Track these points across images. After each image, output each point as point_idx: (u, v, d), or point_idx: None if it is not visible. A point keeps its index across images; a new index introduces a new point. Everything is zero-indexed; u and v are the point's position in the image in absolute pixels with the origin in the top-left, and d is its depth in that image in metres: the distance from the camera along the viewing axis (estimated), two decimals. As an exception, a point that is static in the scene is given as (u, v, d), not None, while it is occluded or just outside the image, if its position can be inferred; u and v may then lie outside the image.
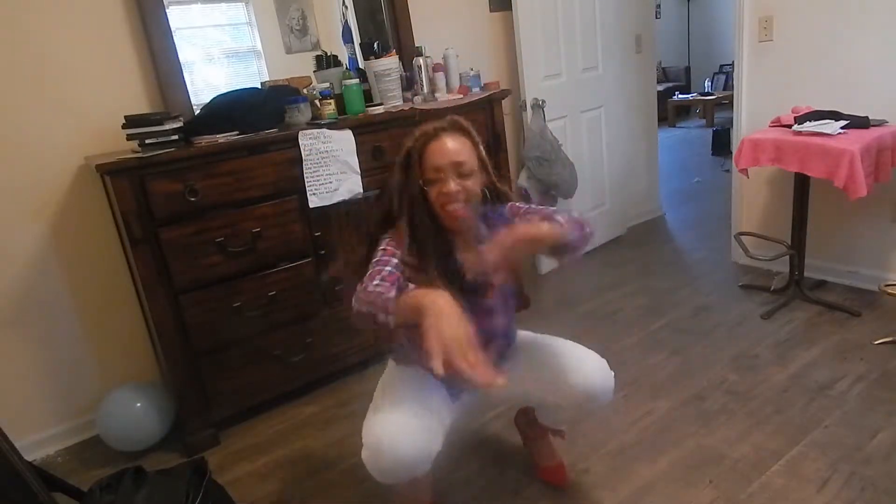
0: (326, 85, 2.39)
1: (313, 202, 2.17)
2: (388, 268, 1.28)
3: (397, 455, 1.25)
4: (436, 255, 1.35)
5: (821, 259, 2.74)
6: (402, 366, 1.51)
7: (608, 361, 1.45)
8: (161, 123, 1.97)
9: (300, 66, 2.54)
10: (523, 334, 1.61)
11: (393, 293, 1.20)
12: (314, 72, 2.56)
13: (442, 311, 1.09)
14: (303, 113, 2.24)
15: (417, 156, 1.34)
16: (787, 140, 2.31)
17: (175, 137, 2.01)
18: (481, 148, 1.39)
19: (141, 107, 2.21)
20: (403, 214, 1.36)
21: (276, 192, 2.12)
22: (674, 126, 7.86)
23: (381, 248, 1.34)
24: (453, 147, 1.31)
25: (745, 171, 2.48)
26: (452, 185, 1.29)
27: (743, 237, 2.74)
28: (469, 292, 1.36)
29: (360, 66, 2.63)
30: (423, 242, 1.35)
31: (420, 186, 1.34)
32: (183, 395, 2.07)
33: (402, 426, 1.29)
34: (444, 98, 2.63)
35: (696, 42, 8.86)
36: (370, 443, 1.28)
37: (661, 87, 6.71)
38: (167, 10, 2.20)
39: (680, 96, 7.96)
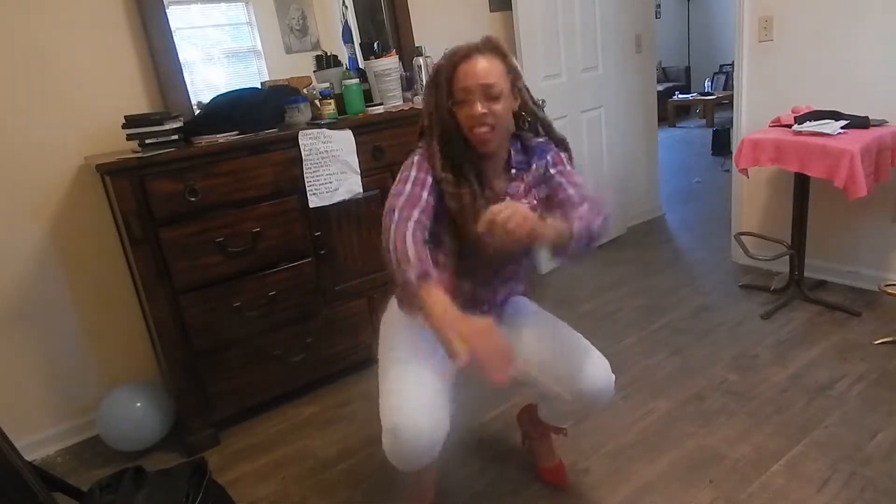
0: (326, 85, 2.39)
1: (313, 202, 2.17)
2: (400, 202, 1.26)
3: (418, 440, 1.23)
4: (472, 174, 1.33)
5: (821, 259, 2.74)
6: (405, 311, 1.43)
7: (608, 362, 1.45)
8: (161, 123, 1.98)
9: (300, 66, 2.54)
10: (538, 311, 1.57)
11: (417, 271, 1.16)
12: (314, 72, 2.56)
13: (447, 324, 1.09)
14: (303, 113, 2.25)
15: (447, 75, 1.31)
16: (787, 140, 2.31)
17: (175, 137, 2.01)
18: (519, 71, 1.35)
19: (141, 107, 2.21)
20: (435, 135, 1.34)
21: (276, 192, 2.12)
22: (674, 126, 7.86)
23: (414, 161, 1.33)
24: (483, 68, 1.27)
25: (745, 171, 2.48)
26: (479, 108, 1.26)
27: (743, 237, 2.74)
28: None
29: (360, 66, 2.63)
30: (458, 162, 1.33)
31: (448, 107, 1.31)
32: (183, 395, 2.07)
33: (417, 408, 1.26)
34: (444, 98, 2.62)
35: (696, 42, 8.86)
36: (392, 430, 1.25)
37: (661, 87, 6.71)
38: (167, 10, 2.20)
39: (680, 96, 7.96)
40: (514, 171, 1.40)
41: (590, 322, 2.69)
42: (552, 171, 1.41)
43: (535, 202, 1.41)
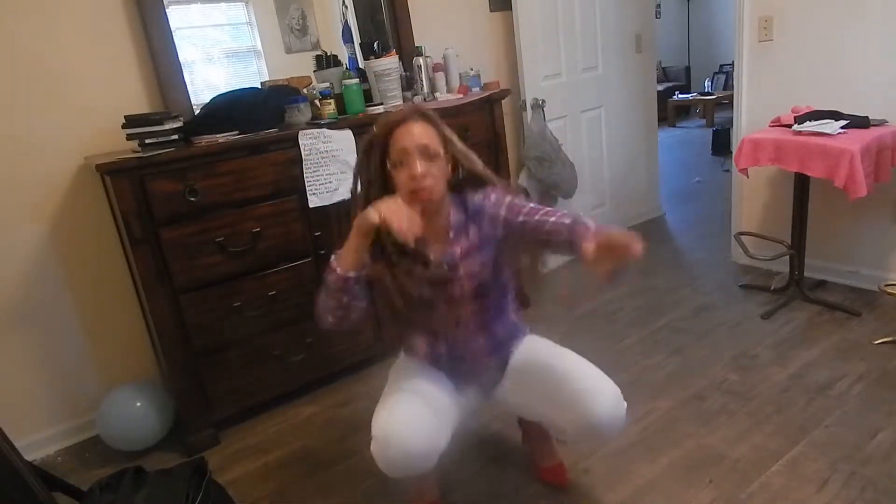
0: (326, 85, 2.39)
1: (313, 202, 2.17)
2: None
3: (405, 449, 1.28)
4: (398, 244, 1.33)
5: (821, 259, 2.74)
6: (412, 357, 1.54)
7: (608, 362, 1.45)
8: (161, 123, 1.98)
9: (300, 66, 2.54)
10: (536, 343, 1.56)
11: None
12: (314, 72, 2.56)
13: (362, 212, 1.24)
14: (303, 113, 2.25)
15: (382, 141, 1.33)
16: (787, 140, 2.31)
17: (175, 137, 2.01)
18: (448, 132, 1.37)
19: (141, 107, 2.21)
20: (361, 200, 1.35)
21: (276, 192, 2.12)
22: (674, 126, 7.86)
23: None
24: (419, 131, 1.31)
25: (745, 171, 2.48)
26: (419, 167, 1.28)
27: (743, 237, 2.74)
28: (435, 281, 1.38)
29: (360, 66, 2.63)
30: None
31: (382, 171, 1.33)
32: (183, 394, 2.07)
33: (410, 421, 1.32)
34: (444, 98, 2.63)
35: (696, 42, 8.85)
36: (378, 435, 1.31)
37: (661, 87, 6.71)
38: (167, 10, 2.20)
39: (680, 96, 7.96)
40: (451, 234, 1.39)
41: (590, 322, 2.69)
42: (502, 212, 1.36)
43: (477, 267, 1.40)
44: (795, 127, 2.35)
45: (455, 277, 1.39)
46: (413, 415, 1.34)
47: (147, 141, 1.96)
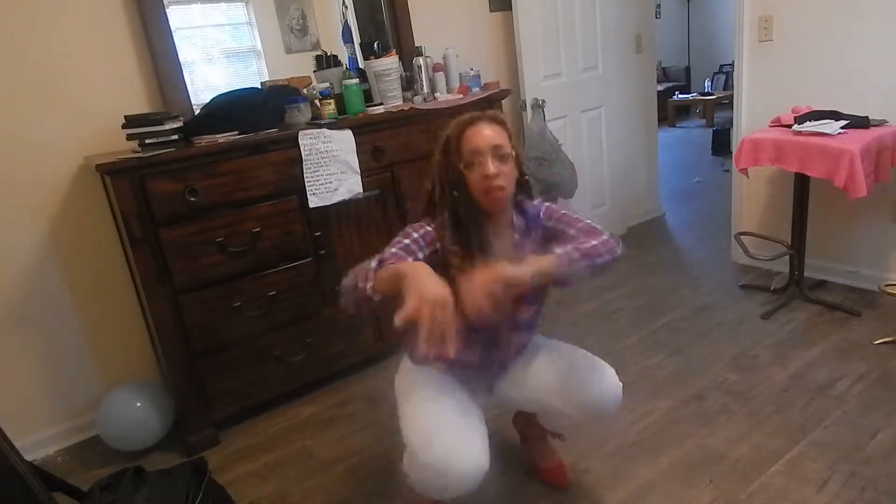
0: (326, 85, 2.39)
1: (313, 202, 2.17)
2: (393, 249, 1.29)
3: (458, 472, 1.24)
4: (478, 238, 1.35)
5: (821, 259, 2.74)
6: (419, 366, 1.49)
7: (608, 361, 1.46)
8: (161, 123, 1.98)
9: (300, 66, 2.54)
10: (537, 337, 1.61)
11: (375, 264, 1.22)
12: (314, 72, 2.56)
13: (422, 273, 1.10)
14: (303, 113, 2.25)
15: (456, 140, 1.34)
16: (787, 140, 2.31)
17: (175, 137, 2.01)
18: (513, 139, 1.39)
19: (141, 107, 2.21)
20: (447, 204, 1.36)
21: (276, 192, 2.12)
22: (674, 126, 7.86)
23: (419, 233, 1.34)
24: (490, 132, 1.32)
25: (745, 171, 2.48)
26: (492, 167, 1.29)
27: (743, 237, 2.74)
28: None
29: (360, 66, 2.63)
30: (467, 226, 1.34)
31: (459, 170, 1.33)
32: (183, 394, 2.07)
33: (457, 442, 1.28)
34: (444, 98, 2.63)
35: (696, 42, 8.85)
36: (423, 460, 1.25)
37: (661, 87, 6.71)
38: (167, 11, 2.20)
39: (680, 96, 7.96)
40: (516, 236, 1.42)
41: (590, 322, 2.69)
42: (550, 224, 1.43)
43: None
44: (795, 127, 2.35)
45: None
46: (455, 434, 1.29)
47: (147, 141, 1.96)
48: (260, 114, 2.14)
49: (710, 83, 7.91)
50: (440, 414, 1.34)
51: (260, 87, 2.38)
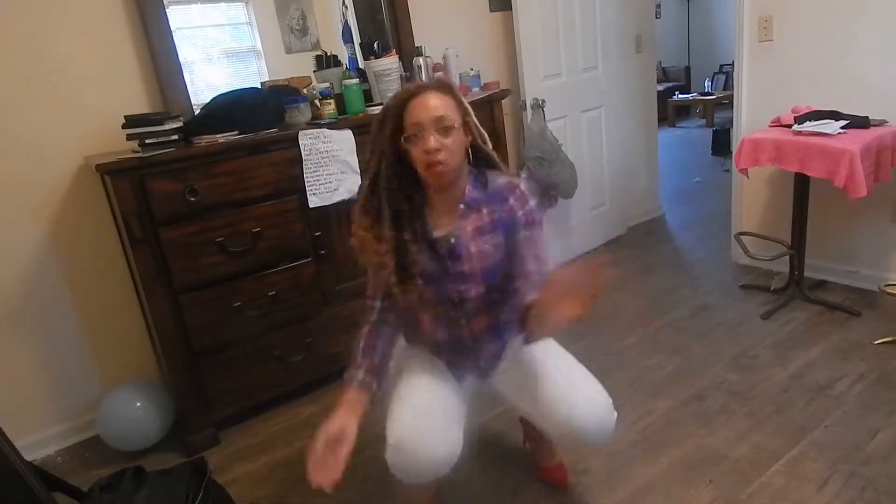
0: (326, 85, 2.39)
1: (313, 202, 2.17)
2: (369, 291, 1.46)
3: (423, 455, 1.28)
4: (407, 214, 1.33)
5: (821, 259, 2.74)
6: (413, 345, 1.52)
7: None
8: (161, 123, 1.98)
9: (300, 66, 2.54)
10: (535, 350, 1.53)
11: (354, 374, 1.41)
12: (314, 72, 2.56)
13: (336, 413, 1.32)
14: (303, 113, 2.25)
15: (397, 112, 1.29)
16: (787, 140, 2.31)
17: (175, 137, 2.01)
18: (467, 107, 1.34)
19: (141, 107, 2.21)
20: (381, 179, 1.32)
21: (276, 192, 2.12)
22: (674, 126, 7.86)
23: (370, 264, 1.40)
24: (434, 103, 1.26)
25: (745, 171, 2.48)
26: (432, 142, 1.23)
27: (743, 237, 2.74)
28: (439, 255, 1.33)
29: (360, 66, 2.63)
30: (387, 199, 1.32)
31: (394, 144, 1.29)
32: (183, 394, 2.07)
33: (425, 427, 1.31)
34: (444, 98, 2.62)
35: (696, 42, 8.85)
36: (393, 443, 1.31)
37: (661, 87, 6.71)
38: (167, 10, 2.20)
39: (680, 96, 7.96)
40: (462, 206, 1.34)
41: (590, 322, 2.69)
42: (519, 213, 1.37)
43: (489, 247, 1.35)
44: (795, 127, 2.35)
45: (462, 254, 1.34)
46: (427, 420, 1.32)
47: (147, 141, 1.96)
48: (260, 114, 2.14)
49: (710, 83, 7.91)
50: (413, 397, 1.38)
51: (260, 87, 2.38)
